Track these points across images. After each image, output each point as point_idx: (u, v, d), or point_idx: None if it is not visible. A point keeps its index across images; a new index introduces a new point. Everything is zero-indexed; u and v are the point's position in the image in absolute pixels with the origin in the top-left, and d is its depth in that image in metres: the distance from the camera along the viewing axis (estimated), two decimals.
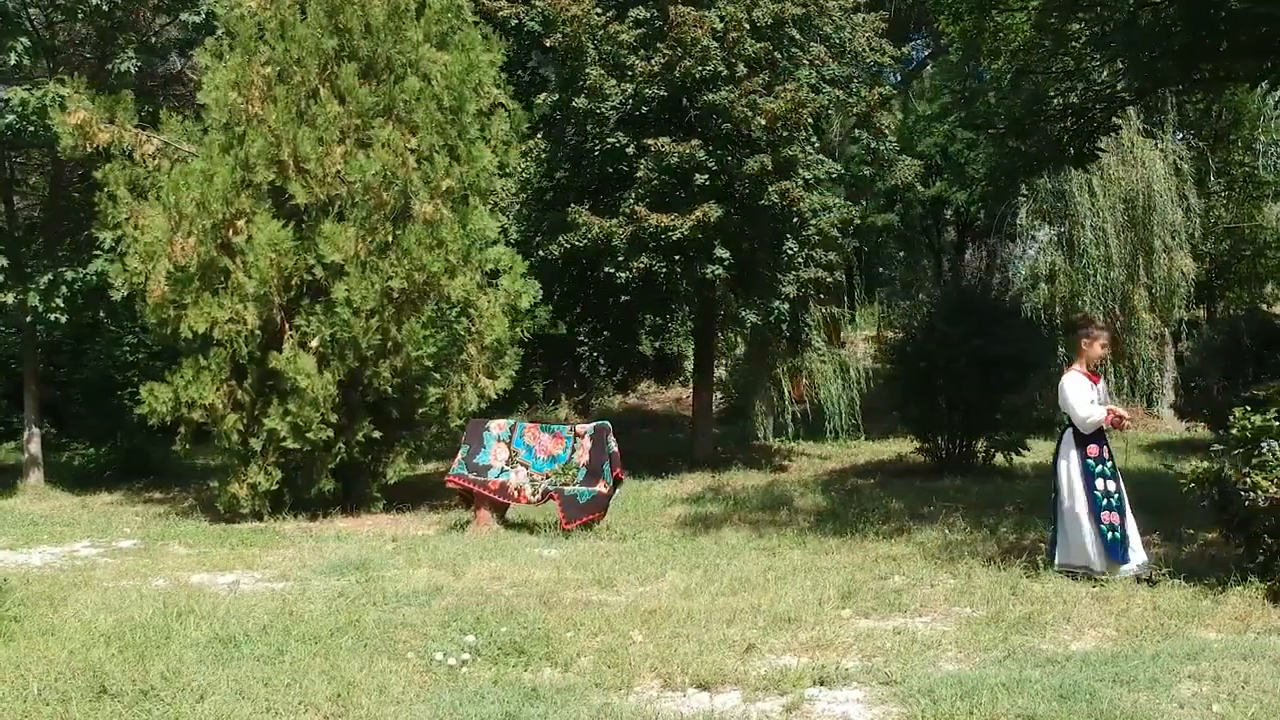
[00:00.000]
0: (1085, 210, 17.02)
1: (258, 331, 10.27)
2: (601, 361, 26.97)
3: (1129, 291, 17.31)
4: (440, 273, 10.27)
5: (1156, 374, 17.67)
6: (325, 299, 10.30)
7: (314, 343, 10.23)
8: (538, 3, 13.32)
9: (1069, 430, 6.78)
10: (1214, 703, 3.95)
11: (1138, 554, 6.61)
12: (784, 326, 13.85)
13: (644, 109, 12.89)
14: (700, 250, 12.78)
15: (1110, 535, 6.56)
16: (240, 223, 10.35)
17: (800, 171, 13.08)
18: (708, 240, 12.70)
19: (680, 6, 12.37)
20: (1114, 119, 9.68)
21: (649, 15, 12.97)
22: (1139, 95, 9.51)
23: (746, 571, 6.93)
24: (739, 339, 18.52)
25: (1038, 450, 13.07)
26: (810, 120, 12.97)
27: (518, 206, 13.82)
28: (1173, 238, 17.49)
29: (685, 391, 24.46)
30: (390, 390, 10.53)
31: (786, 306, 13.61)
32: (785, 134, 12.70)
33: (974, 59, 10.65)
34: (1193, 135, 21.46)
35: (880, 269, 31.94)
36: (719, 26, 12.62)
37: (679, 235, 12.39)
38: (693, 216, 12.31)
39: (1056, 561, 6.70)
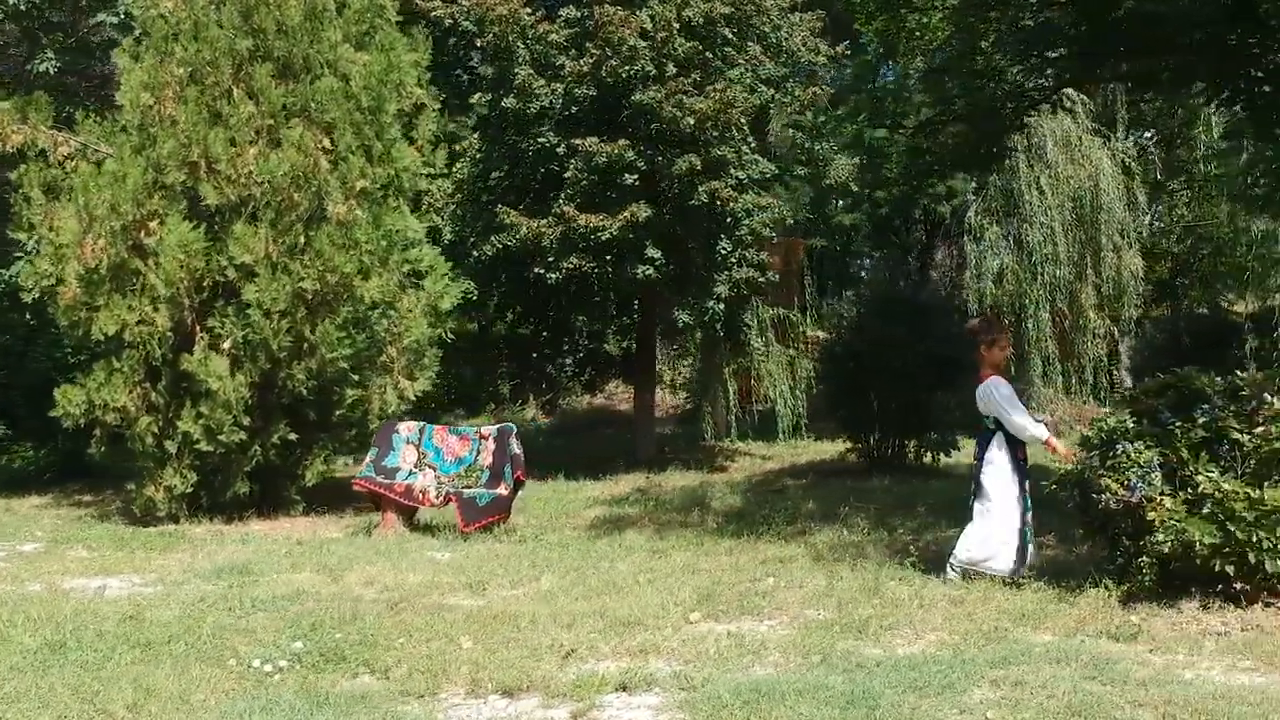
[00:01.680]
0: (1034, 208, 16.98)
1: (170, 333, 10.21)
2: (568, 362, 26.98)
3: (1077, 290, 17.28)
4: (353, 274, 10.22)
5: (1104, 373, 17.63)
6: (237, 301, 10.25)
7: (226, 345, 10.18)
8: (463, 1, 13.27)
9: (998, 433, 6.65)
10: (992, 709, 3.91)
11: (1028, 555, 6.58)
12: (718, 326, 13.81)
13: (574, 109, 12.85)
14: (631, 250, 12.75)
15: (1028, 536, 6.53)
16: (153, 224, 10.29)
17: (733, 171, 13.04)
18: (638, 240, 12.66)
19: (607, 6, 12.33)
20: (1024, 119, 9.64)
21: (579, 15, 12.93)
22: (1047, 95, 9.47)
23: (621, 574, 6.89)
24: (692, 340, 18.49)
25: (969, 450, 13.01)
26: (743, 120, 12.92)
27: (453, 207, 13.78)
28: (1122, 236, 17.47)
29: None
30: (306, 392, 10.47)
31: (721, 306, 13.57)
32: (715, 134, 12.66)
33: (891, 59, 10.60)
34: (1153, 135, 21.47)
35: (852, 269, 31.96)
36: (648, 26, 12.58)
37: (608, 235, 12.35)
38: (621, 217, 12.28)
39: (960, 559, 6.60)
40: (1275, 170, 7.57)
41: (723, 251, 13.28)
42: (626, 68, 12.29)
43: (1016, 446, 6.53)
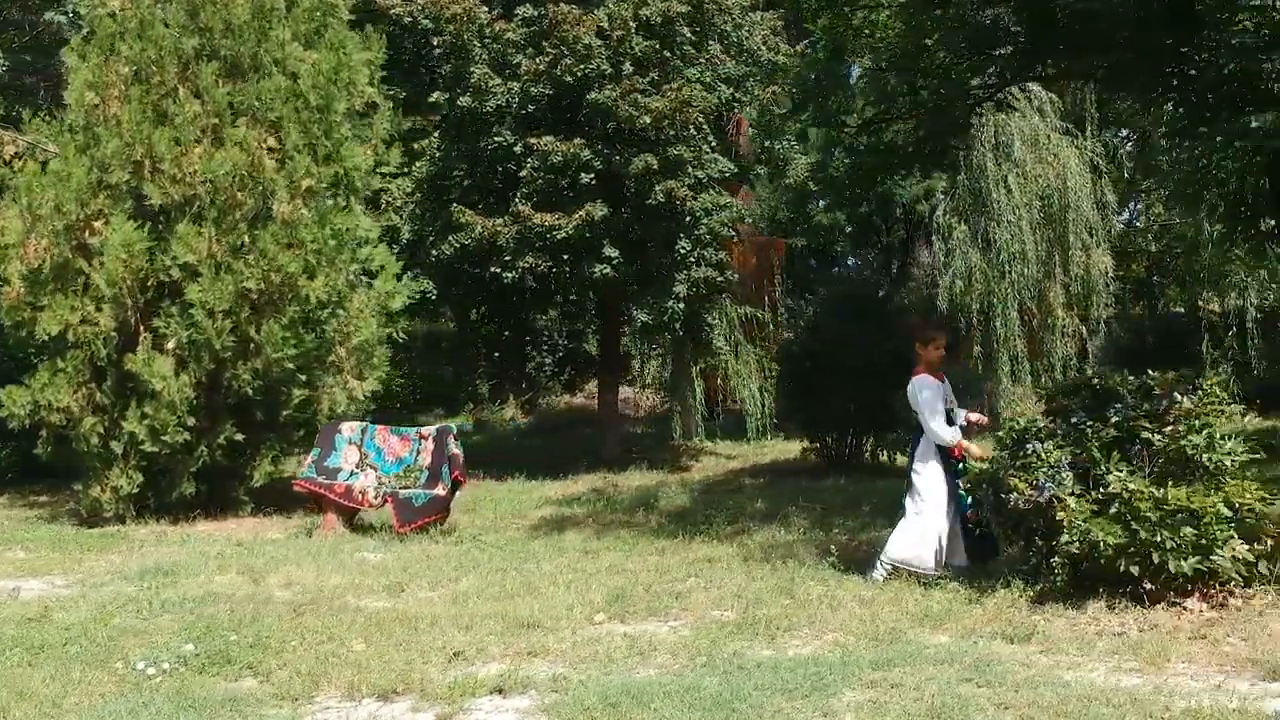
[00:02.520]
0: (1001, 207, 16.90)
1: (114, 334, 10.17)
2: (548, 361, 26.94)
3: (1045, 289, 17.21)
4: (297, 273, 10.18)
5: (1074, 372, 17.54)
6: (182, 301, 10.20)
7: (170, 345, 10.13)
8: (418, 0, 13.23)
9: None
10: (855, 711, 3.88)
11: (983, 554, 6.51)
12: (678, 325, 13.76)
13: (531, 108, 12.81)
14: (589, 250, 12.70)
15: (978, 531, 6.46)
16: (97, 224, 10.25)
17: (691, 170, 12.99)
18: (595, 240, 12.62)
19: (562, 5, 12.29)
20: (972, 117, 9.61)
21: (536, 14, 12.88)
22: (992, 93, 9.44)
23: (544, 575, 6.86)
24: (662, 339, 18.41)
25: None
26: (701, 119, 12.88)
27: (412, 206, 13.74)
28: (1091, 235, 17.39)
29: (631, 391, 24.41)
30: (252, 392, 10.43)
31: (682, 306, 13.52)
32: (673, 133, 12.61)
33: (840, 57, 10.57)
34: (1124, 134, 21.43)
35: (836, 268, 31.97)
36: (605, 25, 12.54)
37: (564, 235, 12.31)
38: (577, 216, 12.23)
39: (890, 557, 6.55)
40: (1203, 169, 7.52)
41: (682, 251, 13.23)
42: (581, 67, 12.25)
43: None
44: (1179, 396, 5.83)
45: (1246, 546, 5.54)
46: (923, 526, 6.36)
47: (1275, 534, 5.84)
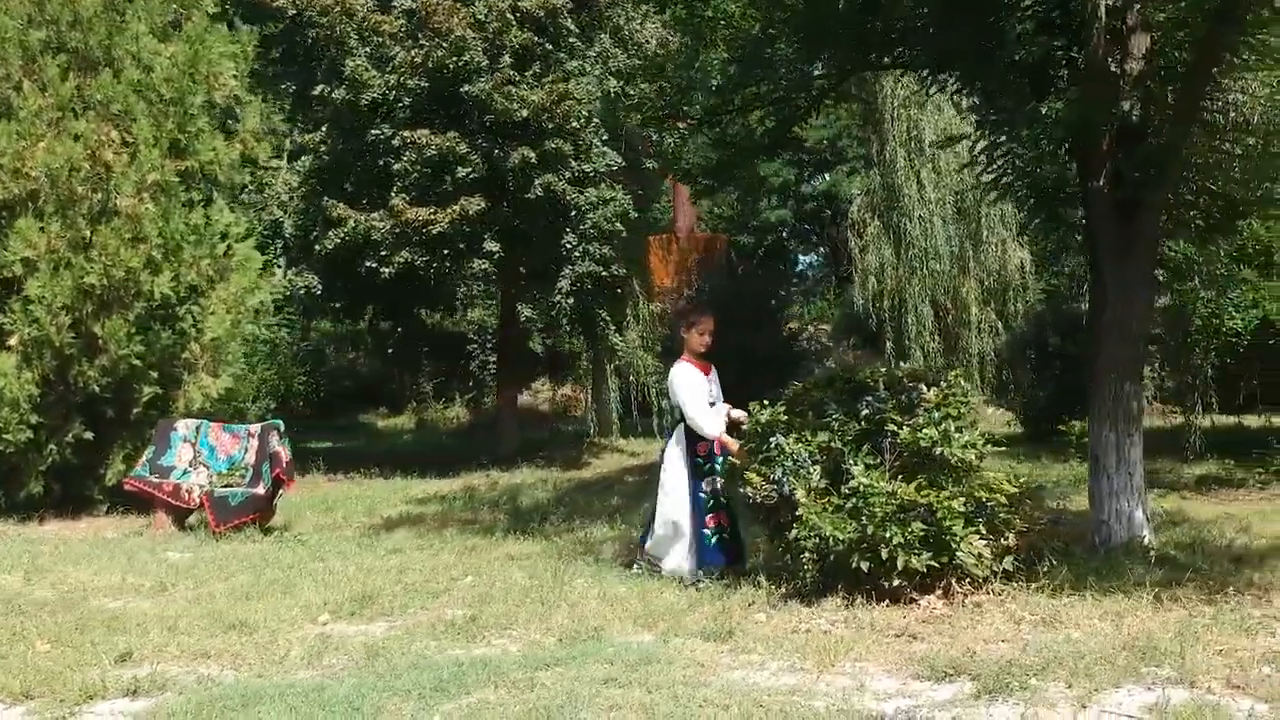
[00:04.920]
0: (913, 202, 16.80)
1: None
2: (493, 360, 26.83)
3: (959, 284, 17.10)
4: (139, 268, 10.03)
5: (992, 368, 17.43)
6: (25, 297, 10.05)
7: (13, 341, 9.99)
8: None
9: (681, 425, 6.49)
10: (457, 714, 3.73)
11: (728, 556, 6.35)
12: (565, 321, 13.62)
13: (408, 101, 12.66)
14: (469, 244, 12.56)
15: (715, 538, 6.28)
16: None
17: (575, 164, 12.85)
18: (476, 234, 12.48)
19: None
20: (815, 108, 9.43)
21: (414, 5, 12.73)
22: (834, 84, 9.26)
23: (309, 574, 6.69)
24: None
25: None
26: (585, 112, 12.73)
27: (296, 201, 13.59)
28: (1007, 229, 17.28)
29: (577, 389, 24.27)
30: (100, 390, 10.28)
31: (571, 301, 13.38)
32: (551, 125, 12.47)
33: (697, 49, 10.40)
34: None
35: (781, 265, 31.80)
36: (483, 16, 12.40)
37: (440, 229, 12.17)
38: (451, 210, 12.09)
39: (648, 552, 6.41)
40: (1006, 157, 7.36)
41: (567, 246, 13.09)
42: (455, 59, 12.10)
43: (698, 439, 6.30)
44: (924, 388, 5.70)
45: (984, 542, 5.41)
46: (677, 524, 6.21)
47: (1022, 530, 5.73)
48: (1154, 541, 6.74)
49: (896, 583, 5.41)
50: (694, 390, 6.26)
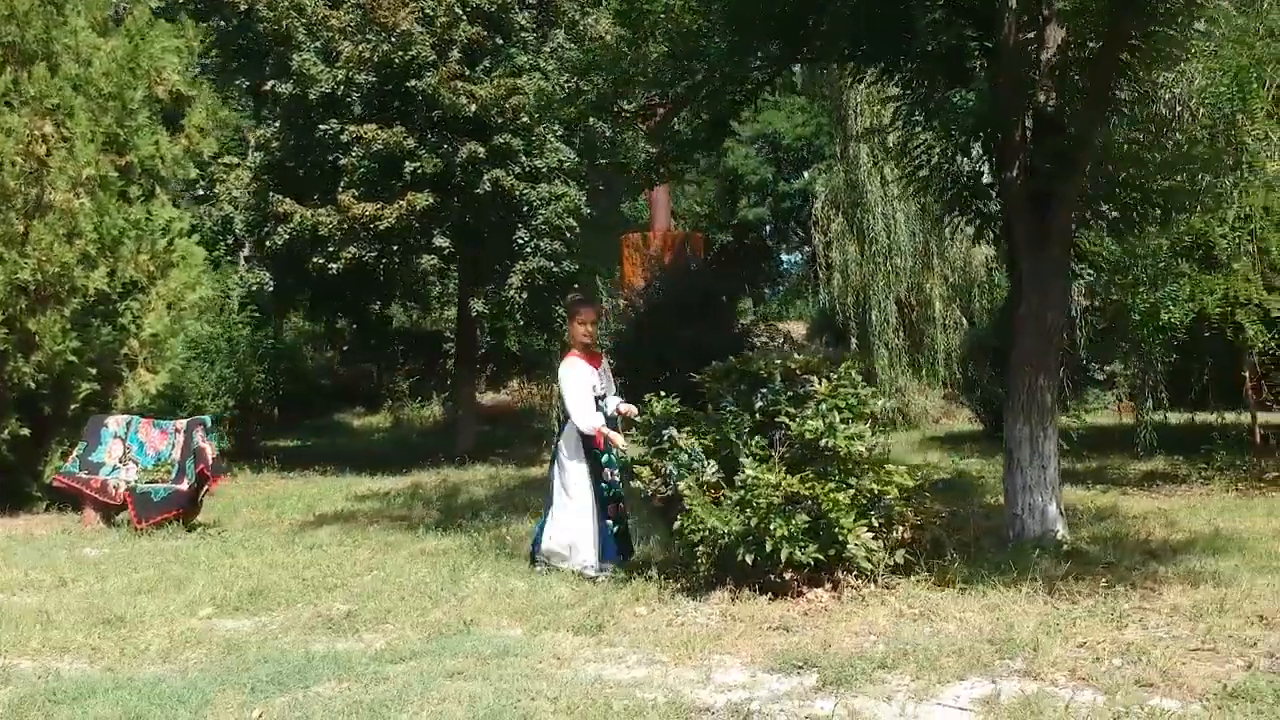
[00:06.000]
0: (876, 198, 16.73)
1: None
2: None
3: (924, 280, 17.02)
4: (73, 264, 9.96)
5: (958, 364, 17.35)
6: None
7: None
8: None
9: (570, 420, 6.37)
10: (281, 709, 3.66)
11: (624, 552, 6.28)
12: (518, 316, 13.55)
13: (356, 95, 12.59)
14: (419, 239, 12.49)
15: (615, 529, 6.24)
16: None
17: (526, 160, 12.77)
18: (425, 229, 12.41)
19: None
20: (749, 102, 9.36)
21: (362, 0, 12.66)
22: (770, 77, 9.18)
23: (206, 570, 6.62)
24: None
25: None
26: (533, 108, 12.63)
27: (247, 196, 13.51)
28: (970, 225, 17.18)
29: (544, 387, 24.22)
30: (35, 386, 10.21)
31: (524, 295, 13.30)
32: (501, 121, 12.40)
33: (635, 42, 10.30)
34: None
35: (762, 264, 31.78)
36: (431, 10, 12.32)
37: (387, 225, 12.10)
38: (398, 205, 12.02)
39: (543, 549, 6.34)
40: (920, 150, 7.30)
41: (519, 241, 13.02)
42: (401, 53, 12.03)
43: (590, 435, 6.22)
44: (816, 381, 5.63)
45: (871, 534, 5.34)
46: (566, 519, 6.14)
47: (917, 523, 5.67)
48: (1067, 536, 6.68)
49: (787, 576, 5.37)
50: (575, 384, 6.18)
